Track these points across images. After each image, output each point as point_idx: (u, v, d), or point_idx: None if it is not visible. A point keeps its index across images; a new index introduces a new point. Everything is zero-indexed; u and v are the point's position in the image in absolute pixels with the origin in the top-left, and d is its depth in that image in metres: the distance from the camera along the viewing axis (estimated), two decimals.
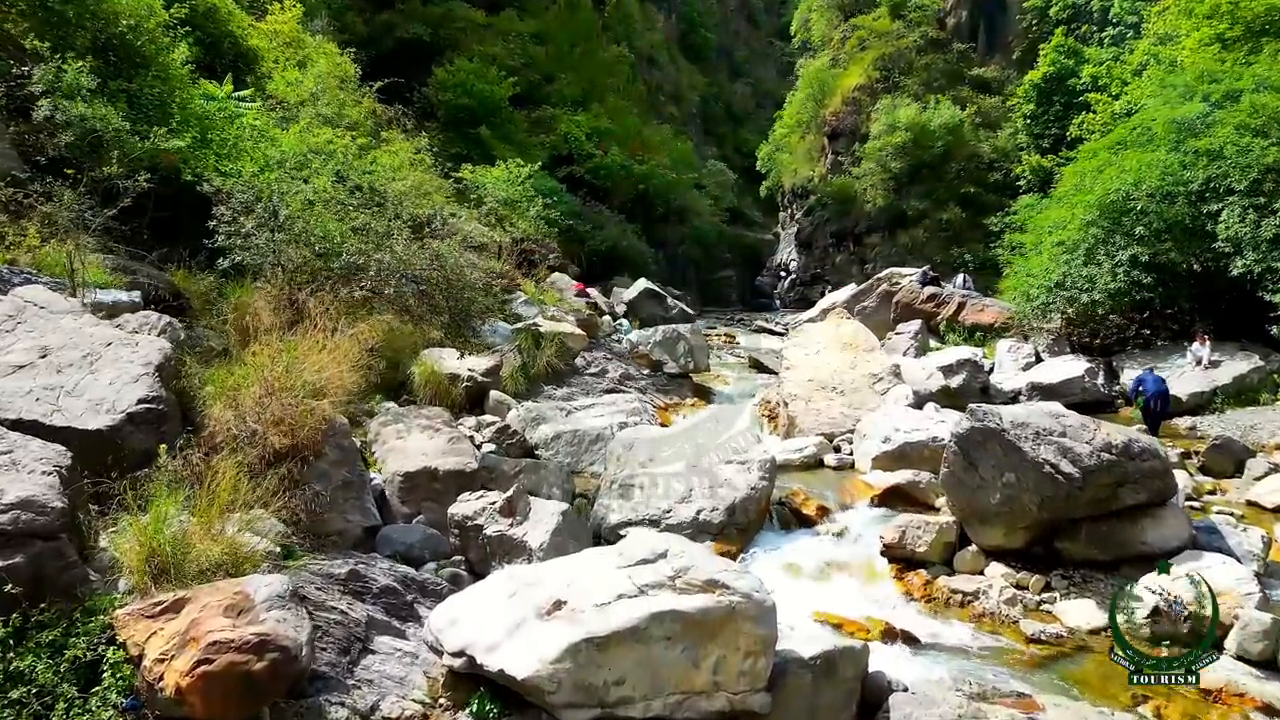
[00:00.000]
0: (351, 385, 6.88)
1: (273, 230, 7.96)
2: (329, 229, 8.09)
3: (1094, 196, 12.74)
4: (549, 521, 5.90)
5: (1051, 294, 13.00)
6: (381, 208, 9.31)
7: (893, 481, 8.41)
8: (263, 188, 8.29)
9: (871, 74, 38.69)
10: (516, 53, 28.87)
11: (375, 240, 7.99)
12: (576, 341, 12.96)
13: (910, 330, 15.11)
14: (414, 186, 13.35)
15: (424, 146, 15.61)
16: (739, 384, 14.10)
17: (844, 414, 10.48)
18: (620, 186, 28.45)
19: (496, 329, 13.05)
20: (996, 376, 13.55)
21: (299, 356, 6.56)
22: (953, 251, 33.82)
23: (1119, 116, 27.65)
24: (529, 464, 8.15)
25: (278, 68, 14.81)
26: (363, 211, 8.96)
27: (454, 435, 7.30)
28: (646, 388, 12.71)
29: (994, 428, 6.73)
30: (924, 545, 7.09)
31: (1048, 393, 12.63)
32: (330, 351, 6.82)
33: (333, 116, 13.70)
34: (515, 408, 10.02)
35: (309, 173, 11.14)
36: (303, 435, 6.05)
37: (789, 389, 10.86)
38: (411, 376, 9.87)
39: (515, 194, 16.46)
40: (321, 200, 10.43)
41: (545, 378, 12.27)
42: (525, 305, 14.11)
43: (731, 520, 7.46)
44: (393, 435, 7.26)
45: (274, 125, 12.14)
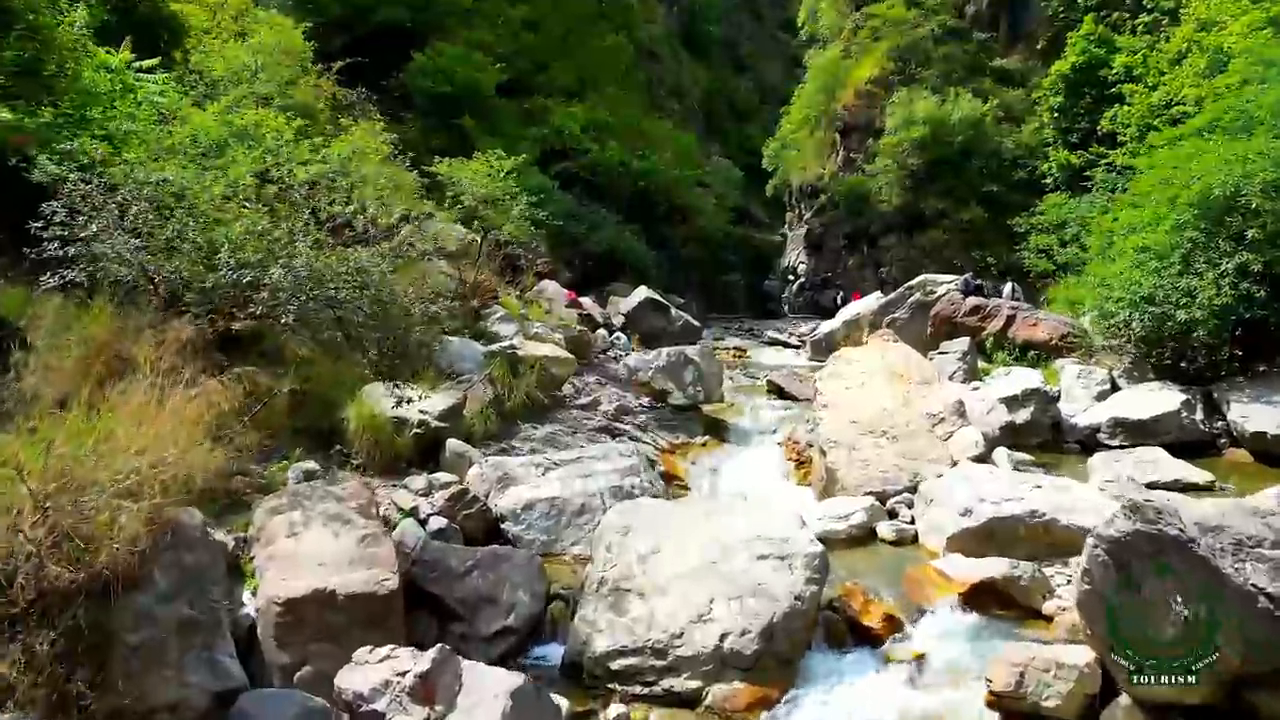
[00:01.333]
0: (210, 464, 4.65)
1: (136, 234, 5.74)
2: (215, 234, 5.85)
3: (1193, 193, 10.48)
4: (490, 710, 3.66)
5: (1138, 310, 10.73)
6: (295, 206, 7.04)
7: (982, 575, 6.16)
8: (119, 176, 6.05)
9: (886, 65, 36.41)
10: (506, 39, 26.66)
11: (270, 247, 5.75)
12: (563, 367, 10.72)
13: (957, 350, 12.84)
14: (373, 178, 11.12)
15: (381, 132, 13.37)
16: (757, 414, 11.84)
17: (898, 466, 8.23)
18: (618, 183, 26.20)
19: (465, 352, 10.81)
20: (1065, 407, 11.29)
21: (122, 423, 4.32)
22: (974, 254, 31.66)
23: (1157, 109, 25.51)
24: (486, 556, 5.92)
25: (212, 39, 12.57)
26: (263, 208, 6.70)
27: (369, 532, 5.05)
28: (647, 424, 10.46)
29: (1172, 535, 4.47)
30: (1054, 697, 4.84)
31: (1136, 431, 10.38)
32: (179, 413, 4.58)
33: (272, 96, 11.45)
34: (479, 462, 7.77)
35: (225, 161, 8.93)
36: (103, 559, 3.82)
37: (828, 432, 8.61)
38: (345, 422, 7.65)
39: (496, 191, 14.20)
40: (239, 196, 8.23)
41: (524, 413, 10.03)
42: (503, 322, 11.86)
43: (769, 647, 5.22)
44: (282, 530, 5.02)
45: (190, 104, 9.91)
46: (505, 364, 10.25)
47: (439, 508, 6.86)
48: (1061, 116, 29.41)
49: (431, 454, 8.01)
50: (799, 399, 12.80)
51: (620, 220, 24.31)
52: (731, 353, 19.82)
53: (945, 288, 16.15)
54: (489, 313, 11.99)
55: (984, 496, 6.84)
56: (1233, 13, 23.02)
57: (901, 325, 16.61)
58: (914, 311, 16.41)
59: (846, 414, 8.76)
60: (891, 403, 8.86)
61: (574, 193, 24.19)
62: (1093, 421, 10.77)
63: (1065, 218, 27.20)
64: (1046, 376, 13.22)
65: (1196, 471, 8.78)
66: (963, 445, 8.49)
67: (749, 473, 9.69)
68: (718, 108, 55.40)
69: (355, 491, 5.49)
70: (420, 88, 21.51)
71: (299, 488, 5.42)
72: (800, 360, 18.93)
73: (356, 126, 13.42)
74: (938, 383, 9.30)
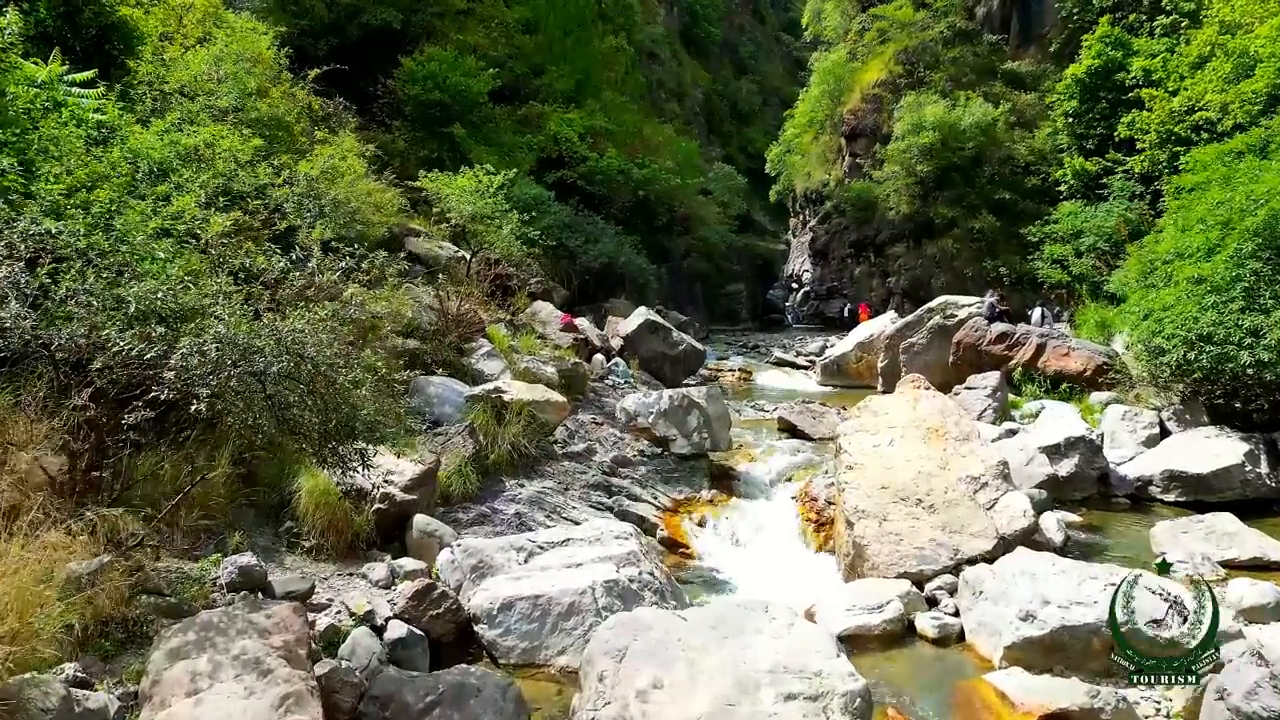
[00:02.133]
0: (59, 622, 3.56)
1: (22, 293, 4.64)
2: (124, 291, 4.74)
3: (1258, 220, 9.37)
4: None
5: (1194, 349, 9.63)
6: (217, 262, 5.85)
7: (1055, 704, 5.07)
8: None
9: (893, 68, 35.35)
10: (501, 42, 25.51)
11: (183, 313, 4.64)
12: (554, 412, 9.63)
13: (986, 386, 11.74)
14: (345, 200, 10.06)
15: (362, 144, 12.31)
16: (769, 458, 10.75)
17: (936, 542, 7.14)
18: (618, 192, 25.08)
19: (446, 394, 9.73)
20: (1111, 454, 10.22)
21: None
22: (985, 264, 30.61)
23: (1178, 114, 24.47)
24: (450, 689, 4.83)
25: (176, 46, 11.48)
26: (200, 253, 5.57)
27: (292, 689, 3.94)
28: (647, 477, 9.36)
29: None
30: None
31: (1194, 485, 9.32)
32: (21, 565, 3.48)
33: (234, 110, 10.36)
34: (450, 545, 6.67)
35: (167, 188, 7.85)
36: None
37: (855, 500, 7.52)
38: (296, 497, 6.58)
39: (485, 209, 13.12)
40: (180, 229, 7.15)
41: (509, 467, 8.95)
42: (489, 358, 10.77)
43: None
44: (183, 685, 3.92)
45: (135, 121, 8.81)
46: (489, 410, 9.18)
47: (401, 608, 5.77)
48: (1076, 121, 28.31)
49: (397, 532, 6.93)
50: (813, 438, 11.73)
51: (619, 231, 23.20)
52: (736, 375, 18.75)
53: (967, 310, 15.05)
54: (473, 347, 10.90)
55: (1048, 598, 5.75)
56: (1259, 15, 22.01)
57: (920, 350, 15.55)
58: (933, 336, 15.31)
59: (875, 477, 7.67)
60: (927, 464, 7.77)
61: (571, 203, 23.08)
62: (1143, 473, 9.70)
63: (1081, 227, 26.17)
64: (1082, 411, 12.17)
65: (1274, 544, 7.68)
66: (1009, 516, 7.40)
67: (763, 537, 8.62)
68: (719, 109, 54.36)
69: (283, 621, 4.39)
70: (409, 95, 20.40)
71: (211, 617, 4.32)
72: (810, 384, 17.85)
73: (332, 141, 12.35)
74: (977, 439, 8.19)
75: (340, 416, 4.67)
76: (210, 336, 4.17)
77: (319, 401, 4.64)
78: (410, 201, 15.73)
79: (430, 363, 10.27)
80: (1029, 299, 29.95)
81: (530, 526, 8.07)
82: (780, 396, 15.91)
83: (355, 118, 16.24)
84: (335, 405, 4.70)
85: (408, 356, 9.95)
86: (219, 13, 13.42)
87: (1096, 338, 14.67)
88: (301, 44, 19.86)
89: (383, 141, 18.88)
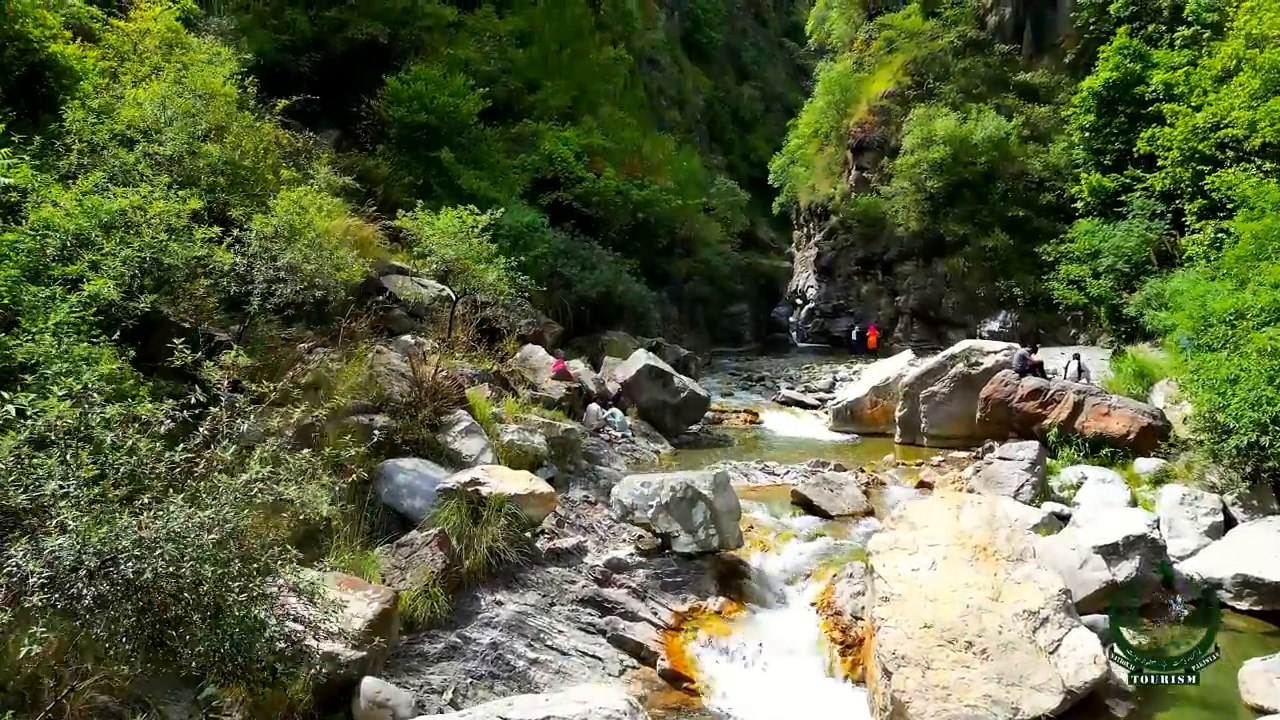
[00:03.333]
0: None
1: None
2: None
3: None
4: None
5: (1270, 435, 8.45)
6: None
7: None
8: None
9: (902, 79, 34.13)
10: (493, 56, 24.30)
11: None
12: (539, 506, 8.44)
13: (1023, 457, 10.50)
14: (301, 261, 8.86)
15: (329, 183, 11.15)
16: (782, 546, 9.54)
17: (993, 699, 5.95)
18: (616, 214, 23.86)
19: (416, 484, 8.55)
20: (1170, 544, 9.02)
21: None
22: (998, 284, 29.40)
23: (1202, 131, 23.37)
24: None
25: (119, 82, 10.27)
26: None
27: None
28: (646, 586, 8.15)
29: None
30: None
31: (1272, 594, 8.14)
32: None
33: (179, 157, 9.15)
34: None
35: (81, 267, 6.68)
36: None
37: (892, 643, 6.33)
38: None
39: (467, 252, 11.93)
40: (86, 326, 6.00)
41: (485, 577, 7.77)
42: (468, 435, 9.56)
43: None
44: None
45: (56, 180, 7.62)
46: (464, 508, 8.01)
47: None
48: (1093, 136, 27.19)
49: (343, 699, 5.74)
50: (831, 515, 10.55)
51: (617, 256, 22.01)
52: (743, 418, 17.55)
53: (994, 359, 13.83)
54: (450, 420, 9.71)
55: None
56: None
57: (941, 401, 14.37)
58: (956, 385, 14.11)
59: (916, 613, 6.48)
60: (976, 594, 6.57)
61: (567, 226, 21.89)
62: (1211, 573, 8.51)
63: (1099, 246, 24.99)
64: (1128, 480, 11.00)
65: None
66: (1076, 663, 6.21)
67: (780, 660, 7.44)
68: (720, 116, 53.14)
69: None
70: (393, 116, 19.21)
71: None
72: (822, 429, 16.64)
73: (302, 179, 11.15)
74: (1032, 558, 6.99)
75: (232, 642, 3.48)
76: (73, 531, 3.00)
77: (205, 621, 3.45)
78: (393, 234, 14.56)
79: (400, 443, 9.08)
80: (1043, 320, 28.86)
81: (508, 660, 6.93)
82: (791, 448, 14.72)
83: (331, 150, 15.02)
84: (229, 620, 3.51)
85: (375, 436, 8.79)
86: (180, 37, 12.23)
87: (1135, 388, 13.49)
88: (282, 61, 18.71)
89: (365, 167, 17.72)
